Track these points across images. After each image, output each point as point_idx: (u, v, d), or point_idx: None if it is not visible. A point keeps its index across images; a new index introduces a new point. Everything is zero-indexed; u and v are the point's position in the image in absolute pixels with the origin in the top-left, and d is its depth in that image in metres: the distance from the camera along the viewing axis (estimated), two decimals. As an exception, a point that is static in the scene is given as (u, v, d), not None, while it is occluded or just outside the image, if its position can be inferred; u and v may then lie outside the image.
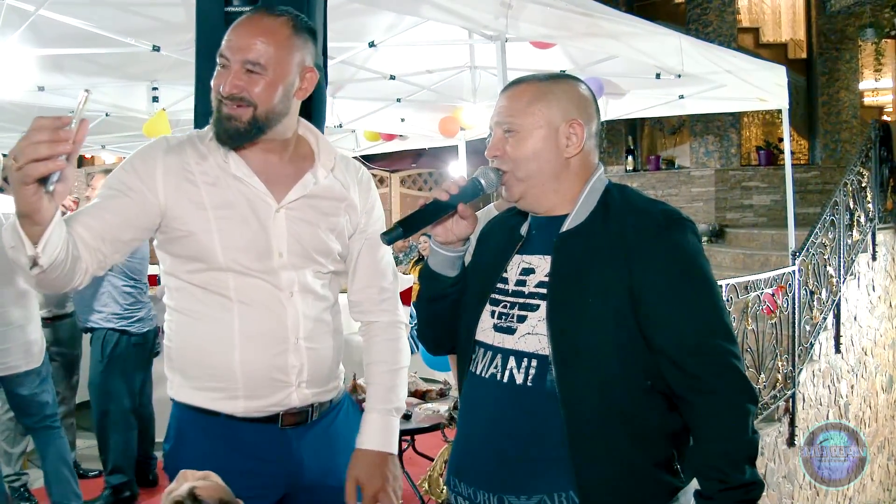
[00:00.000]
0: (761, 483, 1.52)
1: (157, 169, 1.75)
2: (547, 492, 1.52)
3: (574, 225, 1.61)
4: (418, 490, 3.56)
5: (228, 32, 1.75)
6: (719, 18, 9.95)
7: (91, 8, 3.90)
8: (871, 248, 6.97)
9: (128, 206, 1.72)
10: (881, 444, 7.15)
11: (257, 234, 1.78)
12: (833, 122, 10.22)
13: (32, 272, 1.48)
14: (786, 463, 5.44)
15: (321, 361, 1.87)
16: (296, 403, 1.84)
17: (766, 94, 5.88)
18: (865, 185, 6.93)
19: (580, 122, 1.62)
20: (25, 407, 3.84)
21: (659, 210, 1.59)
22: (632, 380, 1.53)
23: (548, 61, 5.31)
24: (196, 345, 1.83)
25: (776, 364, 5.30)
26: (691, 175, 10.21)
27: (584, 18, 4.00)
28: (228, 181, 1.78)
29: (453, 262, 1.73)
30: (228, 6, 2.38)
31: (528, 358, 1.57)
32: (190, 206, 1.75)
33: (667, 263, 1.52)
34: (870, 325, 6.97)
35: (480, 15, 3.54)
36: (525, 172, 1.62)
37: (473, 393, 1.68)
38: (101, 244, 1.66)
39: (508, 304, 1.63)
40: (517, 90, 1.65)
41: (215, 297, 1.79)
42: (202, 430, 1.85)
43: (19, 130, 6.75)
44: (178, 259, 1.81)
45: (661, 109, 6.88)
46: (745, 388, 1.53)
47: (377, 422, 1.92)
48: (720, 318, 1.55)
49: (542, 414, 1.53)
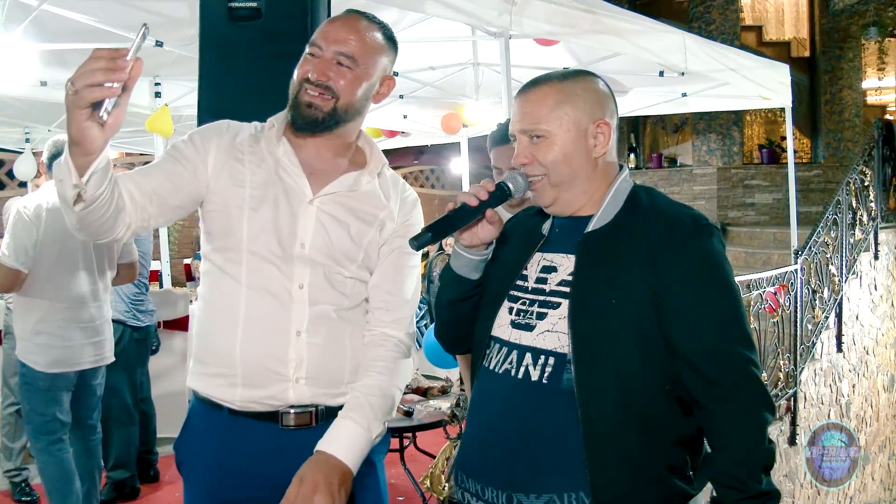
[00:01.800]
0: (777, 492, 1.51)
1: (212, 143, 1.83)
2: (557, 491, 1.51)
3: (600, 225, 1.60)
4: (420, 487, 3.56)
5: (324, 25, 1.84)
6: (722, 16, 9.94)
7: (94, 3, 3.91)
8: (874, 247, 6.96)
9: (180, 173, 1.78)
10: (882, 443, 7.15)
11: (285, 220, 1.80)
12: (836, 120, 10.21)
13: (76, 207, 1.50)
14: (787, 462, 5.45)
15: (325, 360, 1.84)
16: (293, 400, 1.81)
17: (769, 92, 5.88)
18: (868, 184, 6.92)
19: (606, 121, 1.61)
20: (88, 400, 3.86)
21: (687, 215, 1.58)
22: (651, 383, 1.52)
23: (551, 58, 5.31)
24: (207, 329, 1.86)
25: (778, 363, 5.31)
26: (693, 173, 10.20)
27: (587, 15, 4.00)
28: (273, 164, 1.83)
29: (477, 265, 1.71)
30: (232, 2, 2.39)
31: (545, 355, 1.55)
32: (229, 182, 1.80)
33: (692, 269, 1.52)
34: (872, 324, 6.97)
35: (484, 11, 3.53)
36: (558, 177, 1.60)
37: (486, 388, 1.66)
38: (148, 203, 1.71)
39: (528, 302, 1.62)
40: (539, 93, 1.62)
41: (228, 281, 1.81)
42: (206, 423, 1.86)
43: (22, 125, 6.77)
44: (208, 238, 1.86)
45: (664, 107, 6.88)
46: (762, 397, 1.52)
47: (350, 431, 1.75)
48: (741, 326, 1.54)
49: (557, 412, 1.52)
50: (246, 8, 2.39)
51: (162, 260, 5.84)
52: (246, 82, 2.39)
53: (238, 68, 2.42)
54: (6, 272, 3.48)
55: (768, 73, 5.81)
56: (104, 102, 1.36)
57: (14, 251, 3.48)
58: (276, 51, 2.38)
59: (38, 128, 6.84)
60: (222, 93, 2.46)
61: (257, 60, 2.40)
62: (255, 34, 2.41)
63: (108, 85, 1.33)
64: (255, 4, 2.39)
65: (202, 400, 1.87)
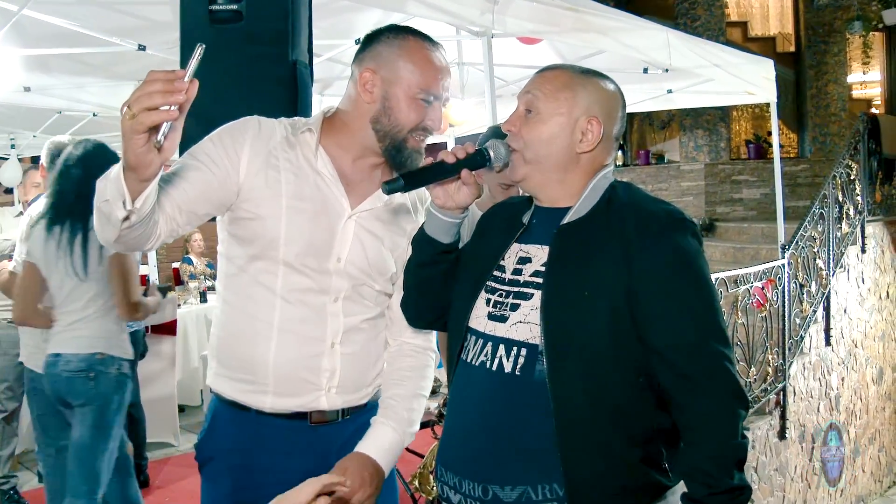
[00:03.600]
0: (749, 488, 1.51)
1: (245, 147, 1.78)
2: (531, 483, 1.51)
3: (575, 217, 1.61)
4: (409, 487, 3.56)
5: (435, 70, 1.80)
6: (707, 13, 9.97)
7: (76, 7, 3.89)
8: (861, 240, 6.99)
9: (209, 181, 1.73)
10: (872, 435, 7.18)
11: (324, 234, 1.80)
12: (822, 115, 10.25)
13: (122, 226, 1.49)
14: (777, 456, 5.46)
15: (355, 369, 1.87)
16: (324, 407, 1.84)
17: (754, 87, 5.90)
18: (854, 178, 6.94)
19: (599, 120, 1.62)
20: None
21: (663, 210, 1.58)
22: (624, 375, 1.52)
23: (535, 57, 5.31)
24: (235, 335, 1.85)
25: (766, 357, 5.32)
26: (681, 169, 10.23)
27: (570, 13, 4.00)
28: (310, 175, 1.80)
29: (449, 228, 1.70)
30: (213, 4, 2.38)
31: (517, 346, 1.55)
32: (266, 191, 1.77)
33: (667, 264, 1.52)
34: (860, 317, 7.00)
35: (467, 11, 3.53)
36: (533, 155, 1.62)
37: (463, 381, 1.66)
38: (177, 214, 1.68)
39: (504, 293, 1.62)
40: (551, 74, 1.66)
41: (262, 290, 1.80)
42: (232, 422, 1.87)
43: (6, 131, 6.74)
44: (238, 243, 1.83)
45: (650, 104, 6.89)
46: (736, 392, 1.52)
47: (389, 438, 1.84)
48: (716, 321, 1.55)
49: (529, 404, 1.53)
50: (227, 11, 2.38)
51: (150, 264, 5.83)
52: (227, 85, 2.37)
53: (219, 71, 2.40)
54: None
55: (753, 69, 5.83)
56: (162, 126, 1.34)
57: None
58: (258, 53, 2.37)
59: (23, 133, 6.81)
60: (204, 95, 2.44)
61: (238, 63, 2.39)
62: (236, 37, 2.40)
63: (166, 108, 1.31)
64: (236, 7, 2.38)
65: (227, 402, 1.88)
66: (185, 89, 1.30)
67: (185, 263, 8.21)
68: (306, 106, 2.43)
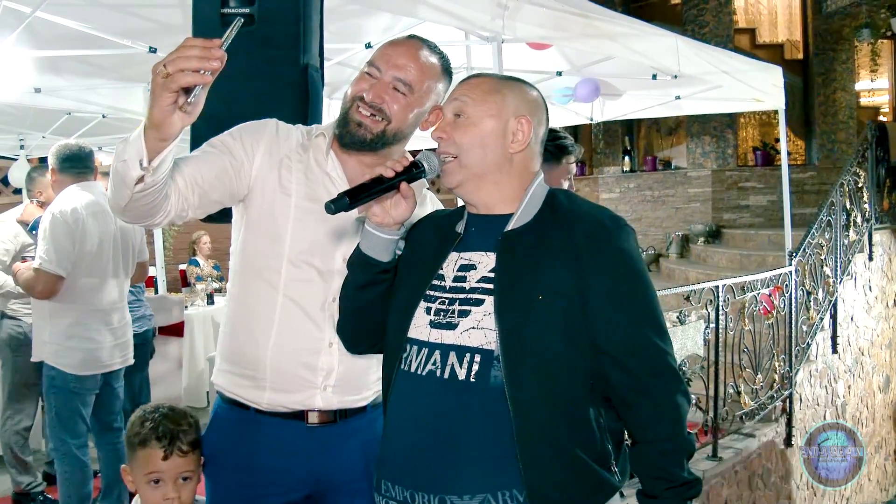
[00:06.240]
0: (699, 479, 1.59)
1: (261, 144, 1.85)
2: (490, 490, 1.50)
3: (520, 224, 1.63)
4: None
5: (385, 47, 1.86)
6: (716, 19, 9.97)
7: (87, 9, 3.90)
8: (868, 248, 6.98)
9: (225, 168, 1.79)
10: (878, 444, 7.16)
11: (329, 234, 1.84)
12: (829, 122, 10.24)
13: (136, 188, 1.51)
14: (783, 463, 5.45)
15: (353, 370, 1.89)
16: (320, 406, 1.87)
17: (762, 94, 5.88)
18: (862, 186, 6.94)
19: (528, 119, 1.65)
20: (112, 403, 3.88)
21: (607, 216, 1.64)
22: (577, 377, 1.56)
23: (544, 62, 5.32)
24: (237, 330, 1.91)
25: (773, 364, 5.32)
26: (688, 176, 10.23)
27: (580, 19, 4.00)
28: (320, 177, 1.86)
29: (388, 245, 1.69)
30: (224, 7, 2.39)
31: (471, 353, 1.55)
32: (277, 189, 1.83)
33: (614, 267, 1.58)
34: (866, 325, 6.98)
35: (477, 16, 3.54)
36: (469, 159, 1.64)
37: (407, 391, 1.62)
38: (190, 194, 1.71)
39: (447, 301, 1.62)
40: (476, 80, 1.70)
41: (265, 285, 1.85)
42: (232, 421, 1.92)
43: (15, 132, 6.76)
44: (247, 238, 1.88)
45: (658, 110, 6.88)
46: (680, 387, 1.60)
47: None
48: (657, 320, 1.61)
49: (486, 410, 1.52)
50: (238, 13, 2.39)
51: (157, 265, 5.84)
52: (239, 88, 2.38)
53: (231, 75, 2.40)
54: (48, 278, 3.47)
55: (761, 76, 5.82)
56: (193, 89, 1.39)
57: (56, 256, 3.48)
58: (269, 57, 2.37)
59: (33, 134, 6.82)
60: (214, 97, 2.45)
61: (250, 67, 2.39)
62: (247, 40, 2.40)
63: (199, 73, 1.36)
64: (248, 10, 2.39)
65: (228, 400, 1.92)
66: (221, 57, 1.35)
67: (192, 265, 8.23)
68: (317, 110, 2.43)
